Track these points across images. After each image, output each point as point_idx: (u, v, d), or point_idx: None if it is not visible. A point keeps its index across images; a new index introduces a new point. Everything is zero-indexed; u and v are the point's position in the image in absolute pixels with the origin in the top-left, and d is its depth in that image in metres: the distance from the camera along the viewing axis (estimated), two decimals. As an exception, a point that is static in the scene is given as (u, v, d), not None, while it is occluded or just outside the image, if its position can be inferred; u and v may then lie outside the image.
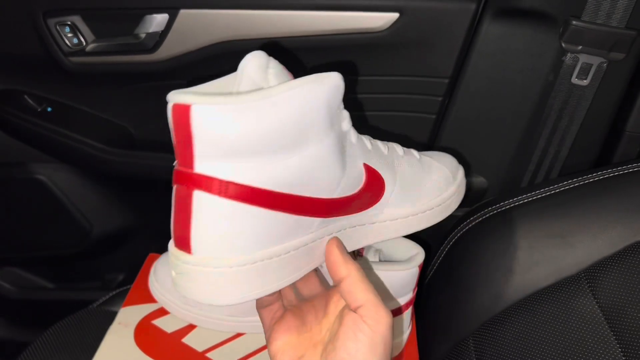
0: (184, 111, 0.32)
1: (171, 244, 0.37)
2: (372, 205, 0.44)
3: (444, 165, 0.52)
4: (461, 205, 0.73)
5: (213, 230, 0.35)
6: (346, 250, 0.41)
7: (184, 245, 0.35)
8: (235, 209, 0.35)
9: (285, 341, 0.40)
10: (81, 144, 0.79)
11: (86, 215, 0.90)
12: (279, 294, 0.43)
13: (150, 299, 0.61)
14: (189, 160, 0.33)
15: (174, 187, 0.35)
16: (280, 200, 0.36)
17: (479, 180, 0.72)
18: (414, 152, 0.51)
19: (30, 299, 0.99)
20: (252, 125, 0.33)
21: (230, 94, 0.35)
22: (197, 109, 0.32)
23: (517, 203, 0.62)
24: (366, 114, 0.73)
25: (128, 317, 0.58)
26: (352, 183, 0.41)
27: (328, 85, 0.36)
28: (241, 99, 0.33)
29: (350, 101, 0.72)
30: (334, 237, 0.42)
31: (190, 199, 0.34)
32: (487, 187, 0.72)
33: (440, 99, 0.69)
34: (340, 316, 0.39)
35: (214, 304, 0.36)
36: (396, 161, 0.47)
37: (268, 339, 0.41)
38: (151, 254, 0.66)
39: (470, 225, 0.65)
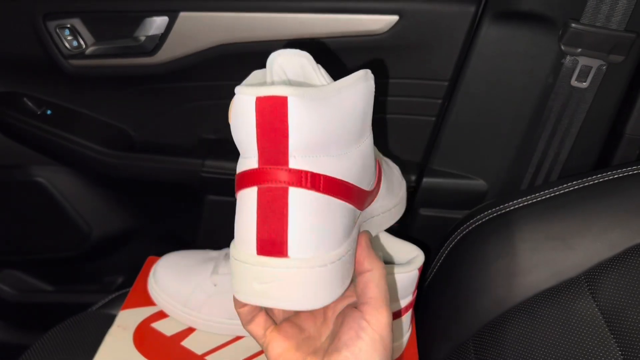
0: (278, 104, 0.31)
1: (248, 254, 0.34)
2: (375, 198, 0.45)
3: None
4: (461, 208, 0.74)
5: (311, 227, 0.34)
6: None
7: (278, 249, 0.33)
8: (327, 202, 0.34)
9: (284, 348, 0.40)
10: (81, 146, 0.79)
11: (85, 217, 0.90)
12: (260, 310, 0.42)
13: (149, 301, 0.61)
14: (282, 156, 0.32)
15: (255, 189, 0.33)
16: (352, 192, 0.36)
17: (479, 183, 0.72)
18: None
19: (29, 301, 0.99)
20: (335, 118, 0.33)
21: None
22: (294, 100, 0.31)
23: (517, 205, 0.62)
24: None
25: (127, 320, 0.58)
26: (374, 176, 0.42)
27: (372, 80, 0.37)
28: (324, 92, 0.33)
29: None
30: (364, 229, 0.42)
31: (286, 197, 0.33)
32: (486, 190, 0.72)
33: (439, 101, 0.69)
34: (341, 317, 0.39)
35: (309, 309, 0.35)
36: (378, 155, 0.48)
37: (266, 347, 0.41)
38: (150, 257, 0.66)
39: (470, 228, 0.65)
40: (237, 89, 0.32)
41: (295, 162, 0.33)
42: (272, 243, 0.33)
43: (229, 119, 0.35)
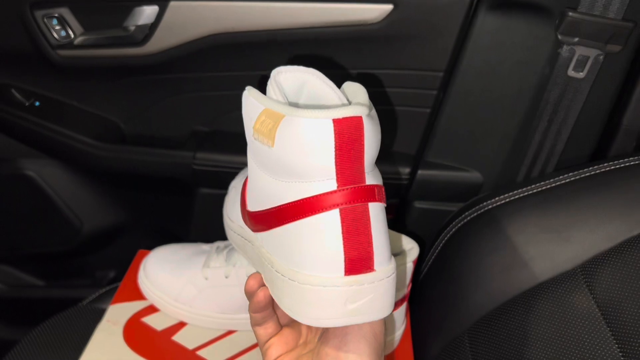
0: (355, 124, 0.32)
1: (335, 277, 0.34)
2: None
3: None
4: (456, 200, 0.73)
5: (385, 237, 0.35)
6: None
7: (366, 265, 0.34)
8: (384, 211, 0.36)
9: (282, 351, 0.41)
10: (70, 139, 0.78)
11: (76, 211, 0.89)
12: (273, 311, 0.42)
13: (139, 296, 0.60)
14: (359, 174, 0.33)
15: (337, 211, 0.33)
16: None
17: (474, 175, 0.71)
18: None
19: (20, 296, 0.98)
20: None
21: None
22: (367, 121, 0.32)
23: (512, 198, 0.62)
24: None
25: (117, 314, 0.57)
26: None
27: None
28: (374, 110, 0.34)
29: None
30: None
31: (368, 213, 0.33)
32: (482, 182, 0.71)
33: (435, 92, 0.68)
34: None
35: (386, 316, 0.35)
36: None
37: (265, 352, 0.41)
38: (140, 251, 0.65)
39: (465, 221, 0.65)
40: (304, 113, 0.32)
41: (368, 178, 0.34)
42: (361, 260, 0.34)
43: (270, 142, 0.33)
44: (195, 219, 0.83)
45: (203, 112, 0.77)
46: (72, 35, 0.69)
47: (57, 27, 0.69)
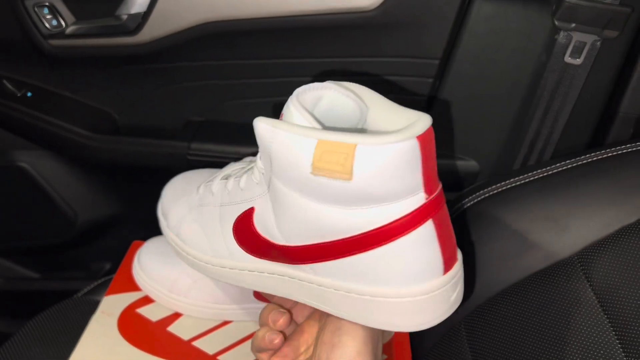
0: (430, 135, 0.32)
1: (438, 280, 0.36)
2: None
3: None
4: (452, 189, 0.73)
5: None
6: None
7: (454, 257, 0.37)
8: None
9: None
10: (63, 130, 0.77)
11: (71, 203, 0.88)
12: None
13: (134, 287, 0.59)
14: (435, 181, 0.34)
15: (430, 221, 0.34)
16: None
17: (470, 164, 0.71)
18: None
19: (14, 289, 0.97)
20: None
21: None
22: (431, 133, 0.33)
23: (509, 186, 0.61)
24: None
25: (111, 305, 0.57)
26: None
27: None
28: None
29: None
30: None
31: (447, 213, 0.36)
32: (478, 171, 0.71)
33: (431, 80, 0.68)
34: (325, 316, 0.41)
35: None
36: None
37: None
38: (135, 242, 0.65)
39: (461, 210, 0.64)
40: (384, 139, 0.30)
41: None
42: (452, 255, 0.37)
43: (346, 176, 0.32)
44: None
45: (197, 102, 0.76)
46: (64, 25, 0.68)
47: (49, 17, 0.68)
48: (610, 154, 0.57)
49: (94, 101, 0.78)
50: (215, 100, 0.76)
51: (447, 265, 0.36)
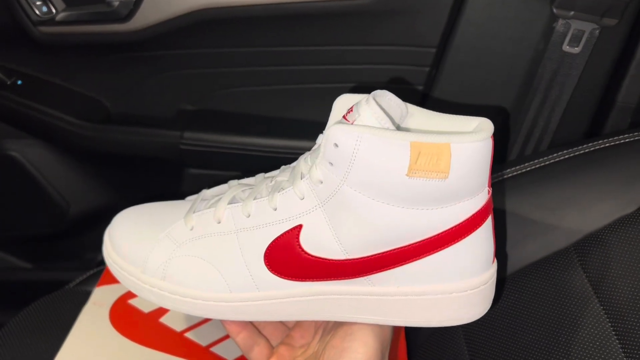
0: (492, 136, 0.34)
1: (489, 272, 0.38)
2: None
3: None
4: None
5: None
6: None
7: (494, 254, 0.39)
8: None
9: None
10: (54, 118, 0.76)
11: (62, 193, 0.87)
12: (258, 333, 0.44)
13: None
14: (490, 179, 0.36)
15: (490, 217, 0.37)
16: None
17: (467, 154, 0.70)
18: None
19: (6, 279, 0.97)
20: None
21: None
22: None
23: (505, 176, 0.61)
24: (348, 86, 0.71)
25: (103, 296, 0.56)
26: None
27: None
28: None
29: (333, 72, 0.70)
30: None
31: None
32: (474, 161, 0.70)
33: (427, 69, 0.67)
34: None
35: None
36: None
37: None
38: None
39: (457, 200, 0.64)
40: (471, 137, 0.32)
41: None
42: (496, 245, 0.39)
43: (443, 175, 0.33)
44: (183, 199, 0.82)
45: (190, 90, 0.75)
46: (54, 11, 0.67)
47: (38, 3, 0.67)
48: (608, 144, 0.57)
49: (86, 89, 0.77)
50: (208, 89, 0.75)
51: (495, 254, 0.39)
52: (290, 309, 0.39)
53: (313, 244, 0.36)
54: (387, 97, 0.36)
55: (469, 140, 0.32)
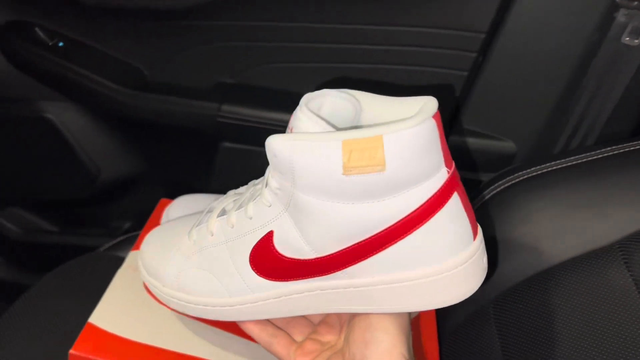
0: (439, 118, 0.34)
1: (472, 247, 0.37)
2: None
3: None
4: (485, 170, 0.71)
5: None
6: None
7: (475, 223, 0.38)
8: None
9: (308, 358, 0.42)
10: (92, 82, 0.76)
11: (94, 159, 0.87)
12: (277, 331, 0.44)
13: (160, 244, 0.58)
14: (450, 158, 0.36)
15: (455, 194, 0.35)
16: None
17: (507, 145, 0.69)
18: None
19: (32, 241, 0.97)
20: None
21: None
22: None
23: (549, 169, 0.59)
24: (389, 67, 0.69)
25: (137, 261, 0.56)
26: None
27: None
28: None
29: (377, 53, 0.69)
30: None
31: (461, 184, 0.37)
32: (515, 152, 0.69)
33: (474, 55, 0.66)
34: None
35: None
36: None
37: None
38: (162, 199, 0.64)
39: (498, 189, 0.62)
40: (406, 123, 0.32)
41: None
42: (474, 221, 0.38)
43: (379, 168, 0.33)
44: (216, 173, 0.81)
45: (230, 63, 0.74)
46: (100, -26, 0.67)
47: (85, -35, 0.66)
48: (657, 143, 0.56)
49: (125, 55, 0.77)
50: (248, 63, 0.74)
51: (474, 231, 0.37)
52: (284, 307, 0.41)
53: (286, 246, 0.38)
54: (331, 97, 0.37)
55: (403, 128, 0.32)
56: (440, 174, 0.34)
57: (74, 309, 0.59)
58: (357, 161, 0.32)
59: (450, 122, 0.71)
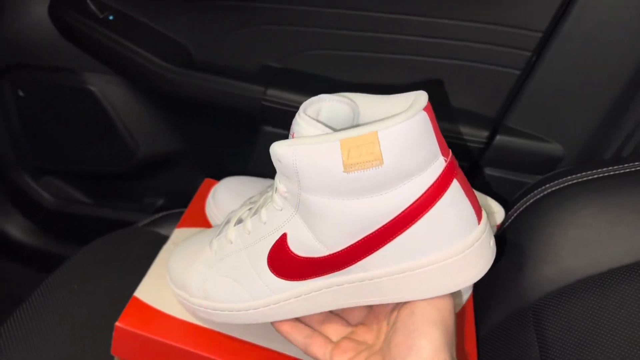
0: (431, 109, 0.35)
1: (477, 230, 0.38)
2: None
3: None
4: (530, 172, 0.70)
5: None
6: None
7: (479, 208, 0.39)
8: None
9: (347, 358, 0.42)
10: (139, 56, 0.76)
11: (134, 134, 0.87)
12: (313, 332, 0.45)
13: (204, 223, 0.58)
14: (447, 147, 0.37)
15: (455, 181, 0.37)
16: None
17: (555, 147, 0.68)
18: None
19: (66, 211, 0.98)
20: None
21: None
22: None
23: (601, 175, 0.58)
24: (440, 61, 0.68)
25: (182, 238, 0.56)
26: None
27: None
28: None
29: (427, 45, 0.67)
30: None
31: (461, 170, 0.38)
32: (562, 156, 0.68)
33: (528, 54, 0.64)
34: (396, 310, 0.41)
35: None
36: None
37: None
38: (207, 179, 0.64)
39: (544, 193, 0.61)
40: (399, 118, 0.34)
41: None
42: (478, 206, 0.39)
43: (377, 162, 0.34)
44: (256, 157, 0.81)
45: (277, 46, 0.74)
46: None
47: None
48: None
49: (173, 32, 0.77)
50: (295, 48, 0.73)
51: (479, 215, 0.38)
52: (306, 305, 0.42)
53: (300, 247, 0.39)
54: (328, 102, 0.38)
55: (395, 123, 0.34)
56: (438, 163, 0.36)
57: (116, 281, 0.60)
58: (356, 158, 0.34)
59: (497, 120, 0.70)
